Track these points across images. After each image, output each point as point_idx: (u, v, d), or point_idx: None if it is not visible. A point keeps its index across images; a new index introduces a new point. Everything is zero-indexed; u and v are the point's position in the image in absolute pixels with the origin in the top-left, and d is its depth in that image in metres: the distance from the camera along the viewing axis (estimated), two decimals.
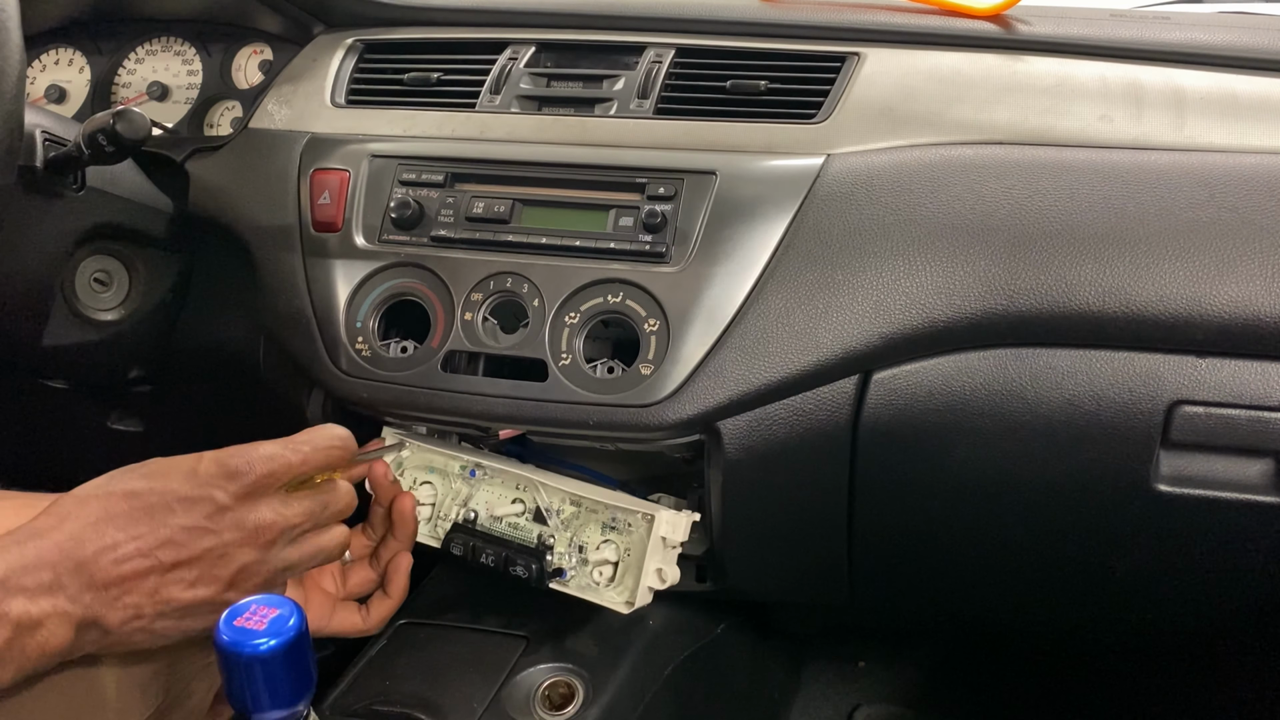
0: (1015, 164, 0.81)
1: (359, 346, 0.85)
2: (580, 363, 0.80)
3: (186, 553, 0.64)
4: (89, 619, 0.60)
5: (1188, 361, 0.77)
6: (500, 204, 0.86)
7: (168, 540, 0.63)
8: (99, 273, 0.96)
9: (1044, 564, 0.90)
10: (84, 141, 0.84)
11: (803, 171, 0.81)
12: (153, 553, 0.63)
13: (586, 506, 0.81)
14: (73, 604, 0.60)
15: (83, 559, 0.61)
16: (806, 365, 0.79)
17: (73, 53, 1.11)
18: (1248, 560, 0.84)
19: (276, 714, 0.55)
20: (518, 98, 0.92)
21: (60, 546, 0.60)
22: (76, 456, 1.17)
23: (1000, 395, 0.80)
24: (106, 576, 0.61)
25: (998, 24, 0.91)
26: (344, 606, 0.81)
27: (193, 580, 0.64)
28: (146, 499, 0.64)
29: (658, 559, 0.78)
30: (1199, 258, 0.76)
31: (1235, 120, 0.82)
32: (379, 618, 0.81)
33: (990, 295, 0.78)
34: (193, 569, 0.64)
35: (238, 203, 0.95)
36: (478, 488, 0.85)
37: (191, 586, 0.64)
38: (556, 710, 0.80)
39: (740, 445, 0.80)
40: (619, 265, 0.81)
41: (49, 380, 1.06)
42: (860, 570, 0.93)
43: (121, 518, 0.63)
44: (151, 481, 0.65)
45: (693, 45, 0.93)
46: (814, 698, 1.25)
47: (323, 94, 0.97)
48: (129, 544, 0.62)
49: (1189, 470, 0.80)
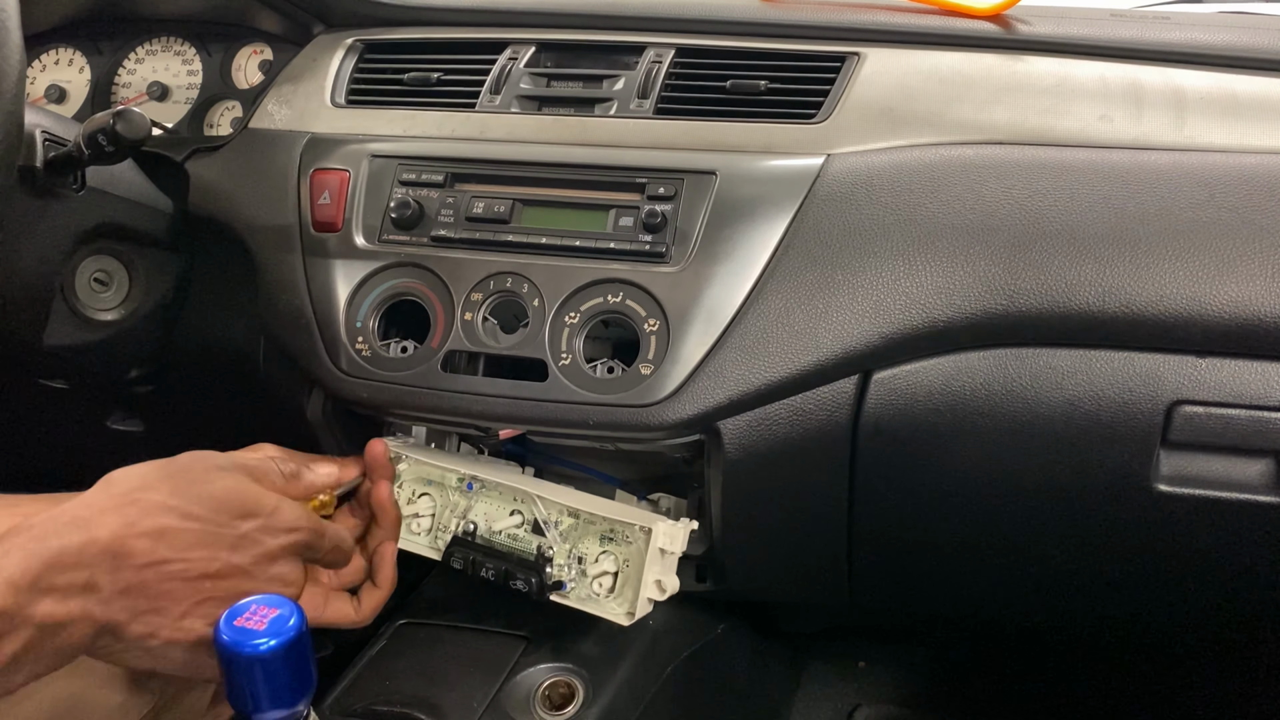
0: (1015, 164, 0.81)
1: (359, 346, 0.85)
2: (580, 363, 0.80)
3: (222, 590, 0.65)
4: (110, 625, 0.60)
5: (1188, 361, 0.77)
6: (500, 204, 0.86)
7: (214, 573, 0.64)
8: (99, 273, 0.96)
9: (1044, 564, 0.90)
10: (84, 141, 0.84)
11: (803, 171, 0.81)
12: (196, 581, 0.63)
13: (584, 518, 0.81)
14: (102, 607, 0.59)
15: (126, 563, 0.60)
16: (806, 365, 0.79)
17: (73, 53, 1.11)
18: (1248, 560, 0.84)
19: (276, 714, 0.55)
20: (518, 98, 0.92)
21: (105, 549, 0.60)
22: (76, 456, 1.17)
23: (1000, 395, 0.80)
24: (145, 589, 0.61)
25: (998, 24, 0.91)
26: (337, 597, 0.80)
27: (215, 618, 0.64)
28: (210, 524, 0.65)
29: (656, 570, 0.78)
30: (1199, 258, 0.76)
31: (1235, 120, 0.82)
32: (370, 608, 0.81)
33: (990, 295, 0.78)
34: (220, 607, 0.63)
35: (238, 203, 0.95)
36: (476, 500, 0.85)
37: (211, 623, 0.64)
38: (556, 710, 0.80)
39: (740, 445, 0.80)
40: (619, 265, 0.81)
41: (49, 380, 1.06)
42: (860, 570, 0.93)
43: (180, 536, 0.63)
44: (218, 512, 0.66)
45: (693, 45, 0.93)
46: (814, 698, 1.25)
47: (323, 94, 0.97)
48: (178, 564, 0.63)
49: (1189, 470, 0.80)
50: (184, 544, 0.63)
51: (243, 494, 0.68)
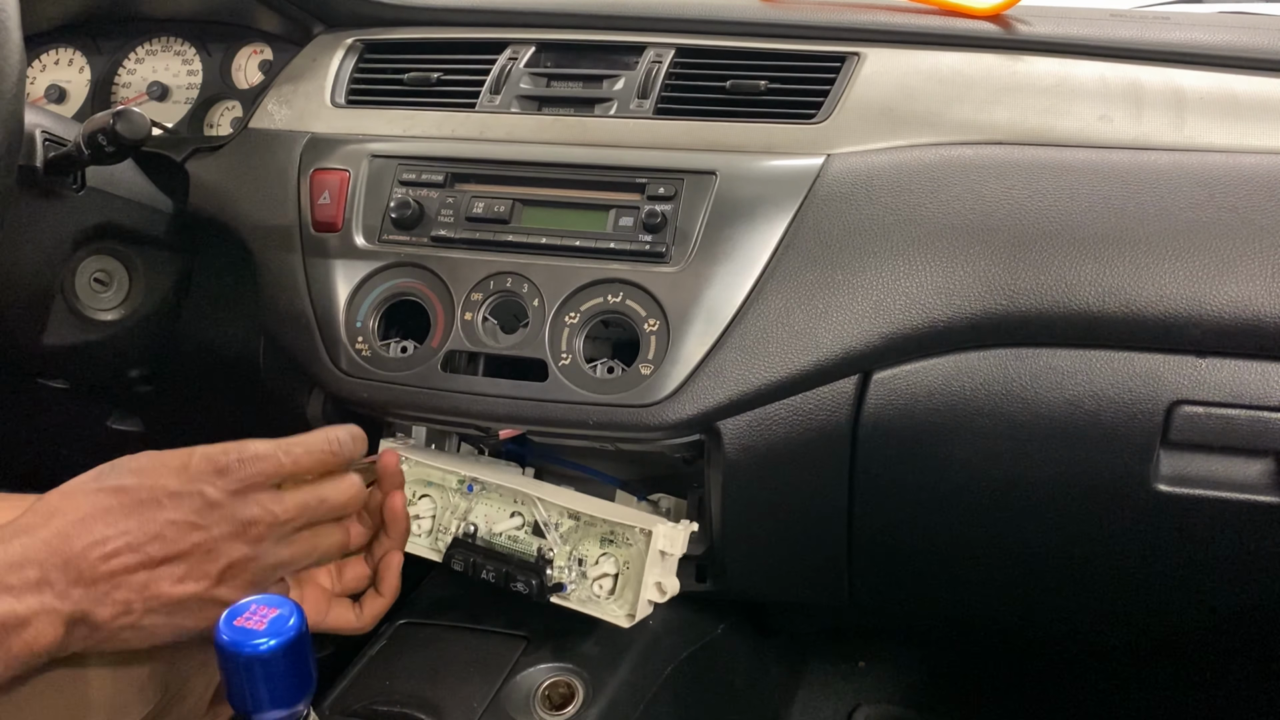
0: (1015, 164, 0.81)
1: (359, 346, 0.85)
2: (580, 363, 0.80)
3: (175, 548, 0.64)
4: (78, 615, 0.60)
5: (1188, 361, 0.77)
6: (500, 204, 0.86)
7: (156, 535, 0.63)
8: (99, 273, 0.96)
9: (1044, 564, 0.90)
10: (84, 141, 0.84)
11: (803, 171, 0.81)
12: (141, 548, 0.63)
13: (585, 520, 0.81)
14: (61, 600, 0.59)
15: (70, 555, 0.61)
16: (806, 365, 0.79)
17: (73, 53, 1.11)
18: (1248, 560, 0.84)
19: (276, 714, 0.55)
20: (518, 98, 0.92)
21: (48, 543, 0.60)
22: (76, 456, 1.16)
23: (1000, 395, 0.80)
24: (95, 572, 0.61)
25: (998, 24, 0.91)
26: (339, 603, 0.80)
27: (181, 575, 0.64)
28: (135, 494, 0.64)
29: (656, 572, 0.78)
30: (1199, 258, 0.76)
31: (1235, 120, 0.82)
32: (371, 616, 0.81)
33: (990, 295, 0.78)
34: (181, 564, 0.64)
35: (238, 203, 0.95)
36: (476, 502, 0.85)
37: (180, 582, 0.64)
38: (556, 710, 0.80)
39: (740, 445, 0.80)
40: (619, 265, 0.81)
41: (49, 380, 1.06)
42: (860, 571, 0.93)
43: (110, 513, 0.63)
44: (141, 477, 0.65)
45: (693, 45, 0.93)
46: (814, 698, 1.25)
47: (323, 94, 0.97)
48: (118, 539, 0.62)
49: (1189, 470, 0.80)
50: (117, 516, 0.63)
51: (163, 457, 0.67)
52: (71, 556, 0.60)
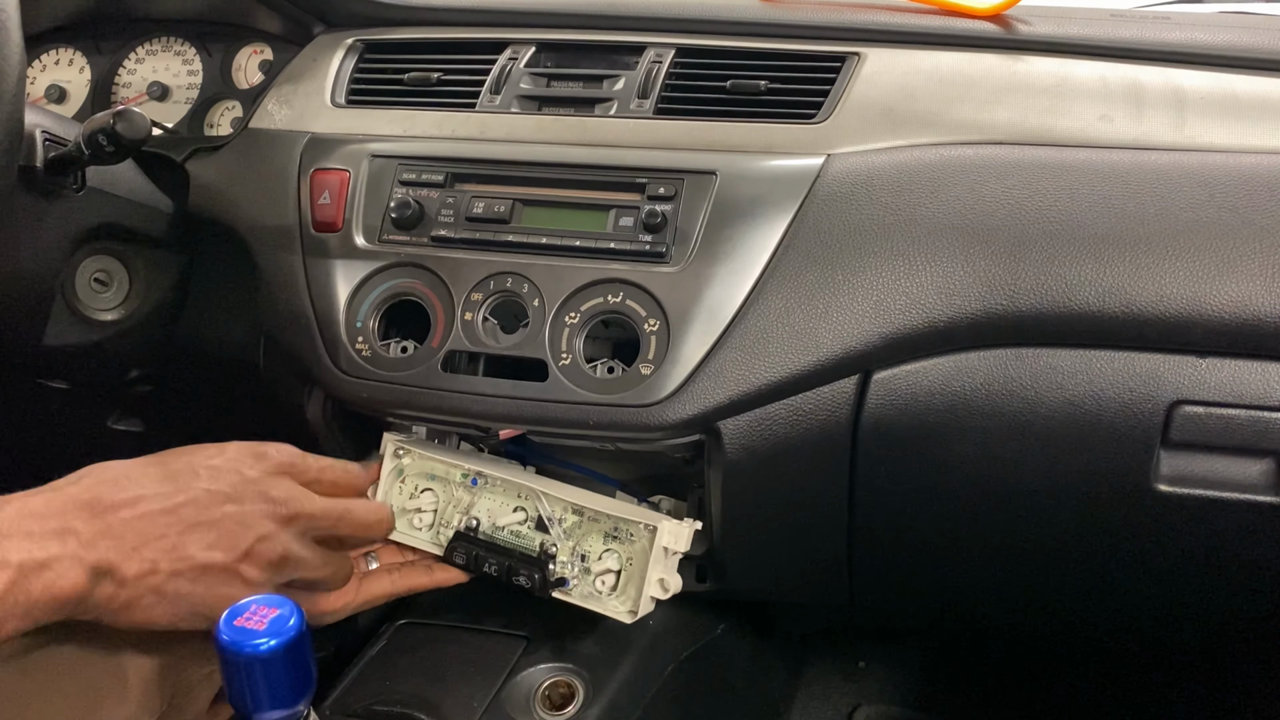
0: (1015, 164, 0.81)
1: (359, 346, 0.85)
2: (580, 363, 0.80)
3: (208, 515, 0.65)
4: (104, 566, 0.61)
5: (1188, 361, 0.77)
6: (500, 204, 0.85)
7: (191, 500, 0.65)
8: (99, 273, 0.96)
9: (1044, 564, 0.90)
10: (84, 141, 0.84)
11: (803, 171, 0.81)
12: (176, 510, 0.64)
13: (588, 516, 0.81)
14: (86, 549, 0.60)
15: (100, 508, 0.62)
16: (806, 365, 0.79)
17: (73, 53, 1.11)
18: (1248, 560, 0.84)
19: (276, 714, 0.55)
20: (518, 98, 0.92)
21: (74, 498, 0.62)
22: (76, 456, 1.16)
23: (1000, 395, 0.80)
24: (125, 526, 0.62)
25: (998, 24, 0.91)
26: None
27: (211, 543, 0.65)
28: (173, 464, 0.67)
29: (660, 569, 0.78)
30: (1199, 258, 0.76)
31: (1235, 120, 0.82)
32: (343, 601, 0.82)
33: (990, 295, 0.78)
34: (212, 531, 0.65)
35: (238, 203, 0.95)
36: (479, 496, 0.85)
37: (209, 549, 0.65)
38: (556, 710, 0.80)
39: (740, 445, 0.80)
40: (619, 265, 0.81)
41: (49, 380, 1.06)
42: (860, 570, 0.93)
43: (146, 476, 0.65)
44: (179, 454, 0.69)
45: (693, 45, 0.93)
46: (814, 698, 1.25)
47: (323, 94, 0.97)
48: (152, 500, 0.64)
49: (1189, 470, 0.80)
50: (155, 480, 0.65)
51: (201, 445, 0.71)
52: (101, 510, 0.62)
